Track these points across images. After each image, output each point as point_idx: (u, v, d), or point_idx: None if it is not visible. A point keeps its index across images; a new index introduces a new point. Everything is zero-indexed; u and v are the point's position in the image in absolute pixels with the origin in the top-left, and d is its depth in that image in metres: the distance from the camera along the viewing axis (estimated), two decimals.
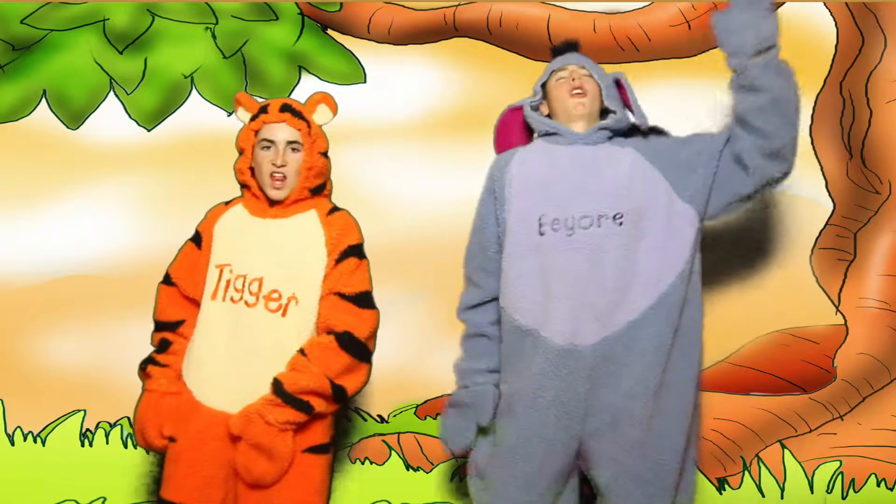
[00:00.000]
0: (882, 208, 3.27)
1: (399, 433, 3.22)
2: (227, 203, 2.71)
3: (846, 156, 3.29)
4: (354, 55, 3.32)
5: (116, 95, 3.29)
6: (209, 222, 2.69)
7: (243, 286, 2.56)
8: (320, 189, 2.68)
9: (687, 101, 3.26)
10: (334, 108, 2.69)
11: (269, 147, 2.60)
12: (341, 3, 3.34)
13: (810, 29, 3.30)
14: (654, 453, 2.54)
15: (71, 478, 3.15)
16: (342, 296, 2.57)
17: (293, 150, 2.61)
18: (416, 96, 3.29)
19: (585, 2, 3.32)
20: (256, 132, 2.63)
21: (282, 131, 2.60)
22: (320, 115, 2.67)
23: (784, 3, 3.31)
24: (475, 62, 3.30)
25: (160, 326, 2.69)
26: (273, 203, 2.63)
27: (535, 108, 2.73)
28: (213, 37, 3.30)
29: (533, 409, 2.55)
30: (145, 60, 3.29)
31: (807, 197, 3.27)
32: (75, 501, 3.15)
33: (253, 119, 2.64)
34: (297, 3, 3.33)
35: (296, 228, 2.62)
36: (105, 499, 3.16)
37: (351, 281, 2.59)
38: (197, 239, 2.70)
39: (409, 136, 3.28)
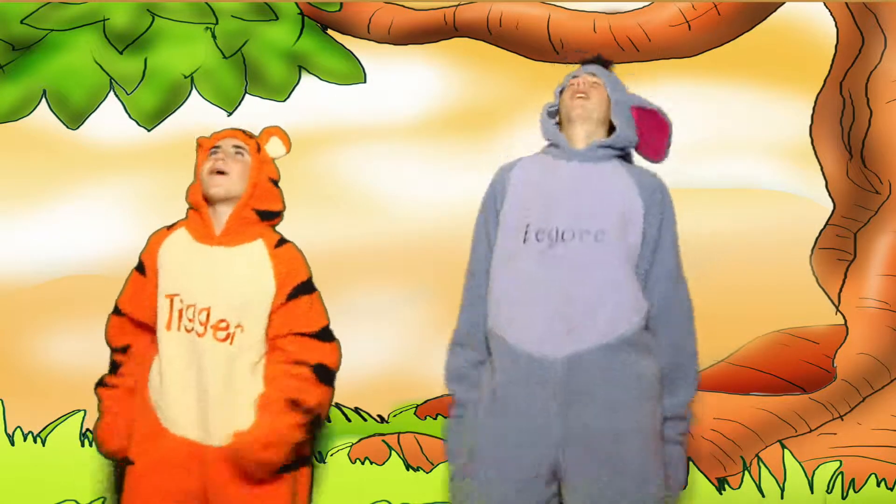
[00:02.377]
0: (882, 208, 3.27)
1: (399, 433, 3.21)
2: (168, 227, 2.67)
3: (846, 156, 3.29)
4: (354, 55, 3.32)
5: (116, 95, 3.29)
6: (151, 249, 2.65)
7: (194, 316, 2.55)
8: (269, 216, 2.63)
9: (687, 101, 3.27)
10: (287, 144, 2.65)
11: (215, 152, 2.58)
12: (341, 3, 3.33)
13: (810, 29, 3.31)
14: (624, 474, 2.49)
15: (71, 478, 3.15)
16: (305, 335, 2.57)
17: (237, 153, 2.58)
18: (416, 96, 3.29)
19: (585, 2, 3.32)
20: (209, 150, 2.60)
21: (228, 139, 2.60)
22: (273, 147, 2.63)
23: (784, 3, 3.31)
24: (475, 62, 3.30)
25: (112, 351, 2.71)
26: (218, 233, 2.58)
27: (554, 115, 2.71)
28: (213, 37, 3.30)
29: (501, 419, 2.54)
30: (145, 60, 3.29)
31: (807, 197, 3.27)
32: (75, 501, 3.15)
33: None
34: (297, 3, 3.33)
35: (242, 257, 2.58)
36: (105, 499, 3.16)
37: (310, 321, 2.58)
38: (140, 267, 2.66)
39: (409, 136, 3.27)
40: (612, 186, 2.58)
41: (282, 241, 2.61)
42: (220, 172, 2.55)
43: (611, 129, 2.65)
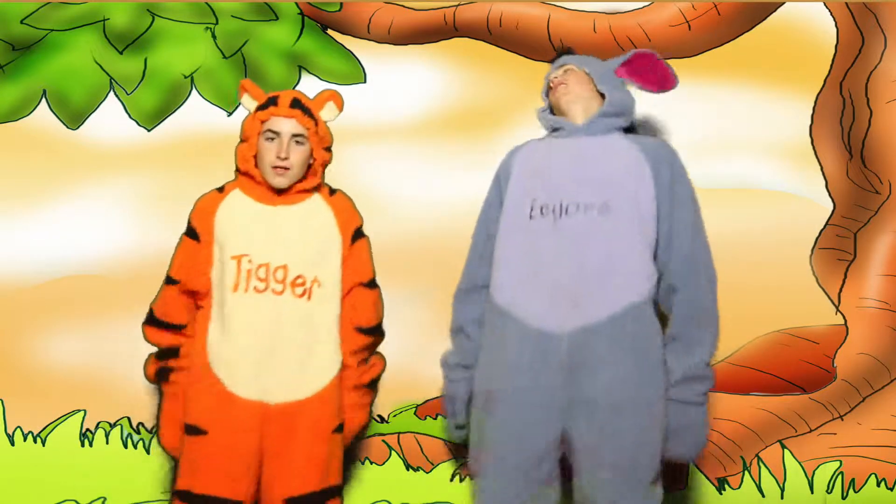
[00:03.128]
0: (882, 208, 3.27)
1: (399, 433, 3.22)
2: (220, 191, 2.72)
3: (846, 156, 3.29)
4: (354, 55, 3.32)
5: (116, 95, 3.29)
6: (206, 213, 2.68)
7: (267, 275, 2.59)
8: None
9: (687, 101, 3.27)
10: (341, 106, 2.75)
11: (273, 138, 2.63)
12: (341, 3, 3.33)
13: (810, 29, 3.31)
14: (630, 447, 2.52)
15: (71, 478, 3.15)
16: (364, 285, 2.77)
17: (297, 142, 2.64)
18: (416, 96, 3.29)
19: (585, 2, 3.32)
20: (263, 122, 2.65)
21: (288, 125, 2.64)
22: (327, 112, 2.73)
23: (784, 3, 3.31)
24: (475, 62, 3.30)
25: (165, 326, 2.71)
26: (279, 191, 2.66)
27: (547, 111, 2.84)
28: (213, 37, 3.30)
29: (510, 395, 2.57)
30: (145, 60, 3.29)
31: (807, 197, 3.27)
32: (75, 501, 3.15)
33: (261, 108, 2.67)
34: (297, 3, 3.33)
35: (307, 213, 2.69)
36: (105, 499, 3.16)
37: (367, 267, 2.78)
38: (193, 233, 2.70)
39: (409, 136, 3.27)
40: (615, 157, 2.63)
41: (333, 191, 2.76)
42: (282, 168, 2.62)
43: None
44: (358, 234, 2.77)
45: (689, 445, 2.60)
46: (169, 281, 2.72)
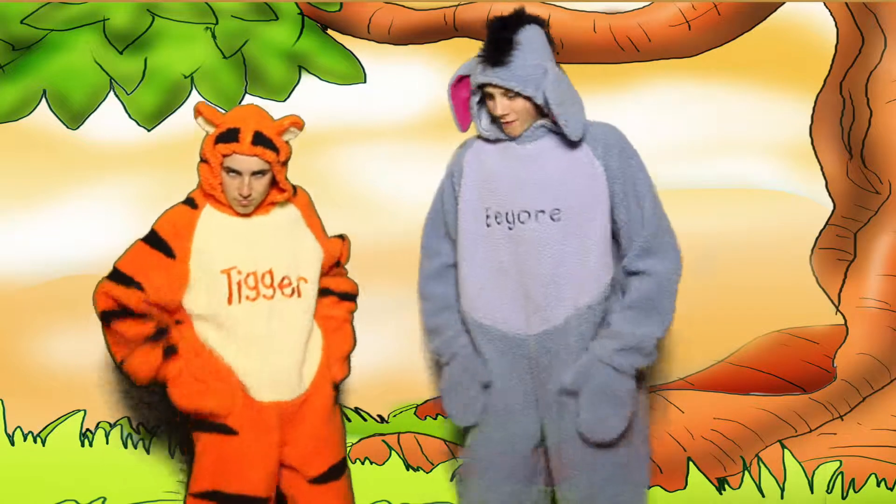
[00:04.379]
0: (882, 208, 3.27)
1: (399, 433, 3.22)
2: (192, 206, 2.68)
3: (846, 156, 3.29)
4: (354, 55, 3.32)
5: (116, 95, 3.28)
6: (183, 232, 2.64)
7: (256, 283, 2.64)
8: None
9: (687, 101, 3.27)
10: (301, 127, 2.69)
11: (234, 174, 2.60)
12: (341, 3, 3.33)
13: (810, 29, 3.30)
14: (595, 445, 2.60)
15: (71, 478, 3.15)
16: (340, 264, 2.87)
17: (259, 175, 2.61)
18: (416, 96, 3.28)
19: (585, 2, 3.32)
20: (224, 155, 2.59)
21: (251, 163, 2.59)
22: (290, 135, 2.68)
23: (784, 3, 3.31)
24: None
25: (159, 334, 2.65)
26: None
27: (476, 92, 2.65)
28: (213, 37, 3.30)
29: (489, 398, 2.67)
30: (145, 60, 3.29)
31: (807, 197, 3.27)
32: (75, 501, 3.15)
33: (222, 140, 2.59)
34: (297, 3, 3.33)
35: (281, 218, 2.72)
36: (105, 499, 3.16)
37: (340, 249, 2.85)
38: (166, 249, 2.64)
39: (409, 136, 3.27)
40: (563, 159, 2.60)
41: (294, 189, 2.76)
42: (246, 198, 2.62)
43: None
44: (322, 226, 2.83)
45: (612, 418, 2.57)
46: (130, 283, 2.60)
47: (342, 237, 2.87)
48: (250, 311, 2.63)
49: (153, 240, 2.65)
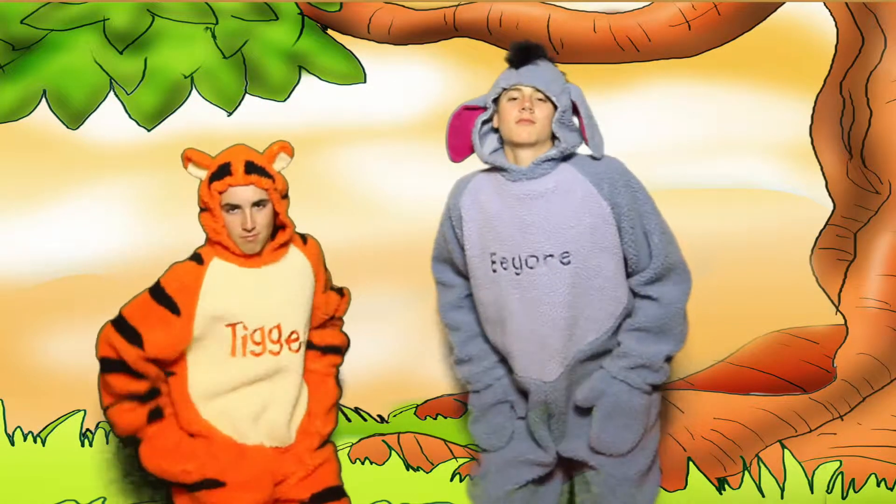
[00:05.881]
0: (882, 208, 3.27)
1: (399, 433, 3.22)
2: (198, 262, 2.62)
3: (846, 156, 3.29)
4: (354, 55, 3.32)
5: (116, 95, 3.28)
6: (190, 290, 2.58)
7: (262, 339, 2.61)
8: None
9: (687, 101, 3.27)
10: (292, 154, 2.65)
11: (235, 210, 2.55)
12: (341, 3, 3.33)
13: (810, 29, 3.31)
14: (611, 453, 2.64)
15: (71, 478, 3.15)
16: (338, 318, 2.82)
17: (260, 207, 2.57)
18: (416, 96, 3.29)
19: (585, 2, 3.32)
20: (220, 192, 2.56)
21: (248, 193, 2.55)
22: (280, 164, 2.64)
23: (784, 3, 3.31)
24: (475, 62, 3.30)
25: (149, 395, 2.63)
26: (252, 254, 2.62)
27: (488, 120, 2.63)
28: (213, 37, 3.30)
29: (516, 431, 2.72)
30: (145, 60, 3.29)
31: (807, 197, 3.27)
32: (75, 501, 3.15)
33: (216, 178, 2.56)
34: (297, 3, 3.33)
35: (289, 268, 2.66)
36: (105, 499, 3.16)
37: (337, 305, 2.80)
38: (172, 306, 2.58)
39: (409, 136, 3.27)
40: (566, 198, 2.53)
41: (303, 237, 2.72)
42: (251, 238, 2.57)
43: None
44: (329, 282, 2.78)
45: (625, 433, 2.61)
46: (132, 335, 2.57)
47: (341, 292, 2.81)
48: (252, 366, 2.61)
49: (159, 294, 2.59)
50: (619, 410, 2.58)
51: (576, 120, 2.58)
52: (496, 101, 2.58)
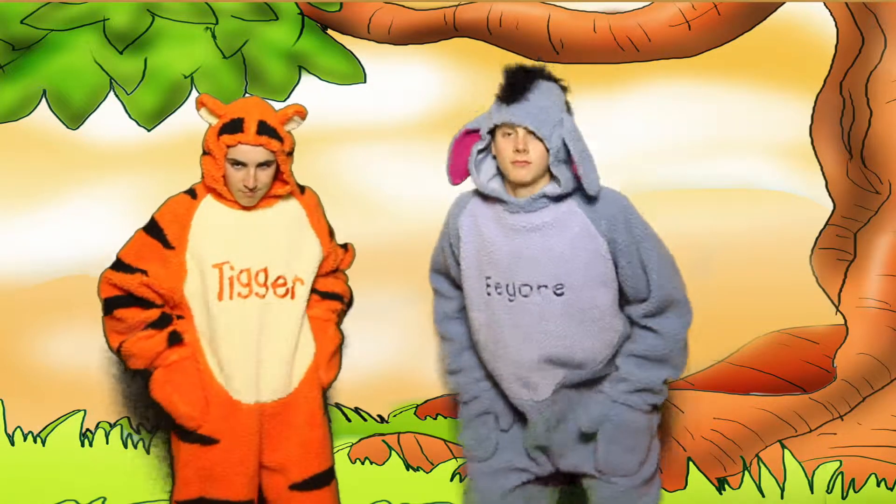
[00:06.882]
0: (882, 208, 3.27)
1: (399, 433, 3.22)
2: (192, 196, 2.67)
3: (846, 156, 3.29)
4: (354, 55, 3.32)
5: (116, 95, 3.28)
6: (181, 222, 2.63)
7: (249, 280, 2.61)
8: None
9: (687, 101, 3.27)
10: (305, 116, 2.69)
11: (240, 166, 2.58)
12: (341, 3, 3.33)
13: (810, 29, 3.30)
14: (613, 459, 2.63)
15: (71, 478, 3.15)
16: (340, 270, 2.84)
17: (265, 167, 2.60)
18: (416, 96, 3.29)
19: (585, 2, 3.32)
20: (228, 146, 2.58)
21: (256, 154, 2.57)
22: (291, 125, 2.67)
23: (784, 3, 3.31)
24: (475, 62, 3.30)
25: (163, 320, 2.64)
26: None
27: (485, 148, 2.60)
28: (213, 37, 3.30)
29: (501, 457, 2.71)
30: (145, 60, 3.29)
31: (807, 197, 3.27)
32: (75, 501, 3.15)
33: (227, 132, 2.58)
34: (297, 3, 3.33)
35: (281, 214, 2.68)
36: (105, 499, 3.16)
37: (342, 257, 2.82)
38: (164, 240, 2.64)
39: (409, 136, 3.27)
40: (563, 232, 2.51)
41: (301, 188, 2.74)
42: (251, 189, 2.60)
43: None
44: (331, 231, 2.80)
45: (630, 454, 2.62)
46: (131, 270, 2.62)
47: (346, 246, 2.84)
48: (241, 309, 2.60)
49: (152, 229, 2.65)
50: (623, 433, 2.59)
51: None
52: (492, 132, 2.54)
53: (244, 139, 2.56)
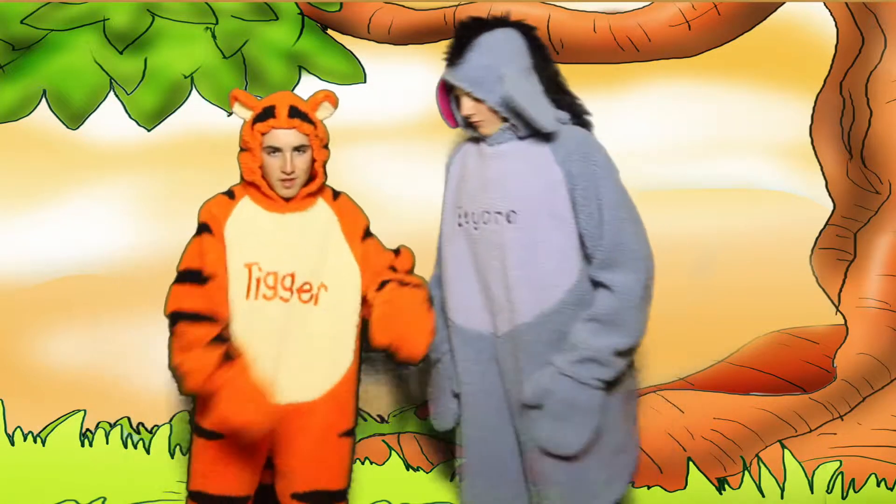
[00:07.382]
0: (882, 208, 3.27)
1: (399, 433, 3.22)
2: (230, 197, 2.71)
3: (846, 156, 3.29)
4: (354, 55, 3.32)
5: (116, 95, 3.29)
6: (218, 219, 2.67)
7: (275, 283, 2.63)
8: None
9: (687, 101, 3.27)
10: (336, 104, 2.72)
11: (276, 153, 2.62)
12: (341, 3, 3.34)
13: (810, 29, 3.31)
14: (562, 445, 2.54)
15: (71, 478, 3.15)
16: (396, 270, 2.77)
17: (300, 152, 2.63)
18: (416, 96, 3.28)
19: (585, 2, 3.32)
20: (263, 134, 2.63)
21: (290, 137, 2.62)
22: (323, 112, 2.71)
23: (784, 3, 3.31)
24: None
25: (204, 319, 2.60)
26: (287, 199, 2.68)
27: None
28: (213, 37, 3.30)
29: (467, 398, 2.67)
30: (145, 60, 3.29)
31: (807, 197, 3.27)
32: (75, 501, 3.15)
33: (259, 120, 2.63)
34: (297, 3, 3.33)
35: (313, 220, 2.70)
36: (105, 499, 3.16)
37: (386, 254, 2.77)
38: (207, 229, 2.67)
39: (409, 136, 3.28)
40: (522, 161, 2.57)
41: (336, 194, 2.77)
42: (289, 181, 2.63)
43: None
44: (367, 234, 2.78)
45: (573, 432, 2.50)
46: (189, 277, 2.63)
47: (397, 250, 2.80)
48: (262, 310, 2.62)
49: (198, 228, 2.69)
50: (567, 408, 2.48)
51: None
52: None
53: (277, 124, 2.61)
